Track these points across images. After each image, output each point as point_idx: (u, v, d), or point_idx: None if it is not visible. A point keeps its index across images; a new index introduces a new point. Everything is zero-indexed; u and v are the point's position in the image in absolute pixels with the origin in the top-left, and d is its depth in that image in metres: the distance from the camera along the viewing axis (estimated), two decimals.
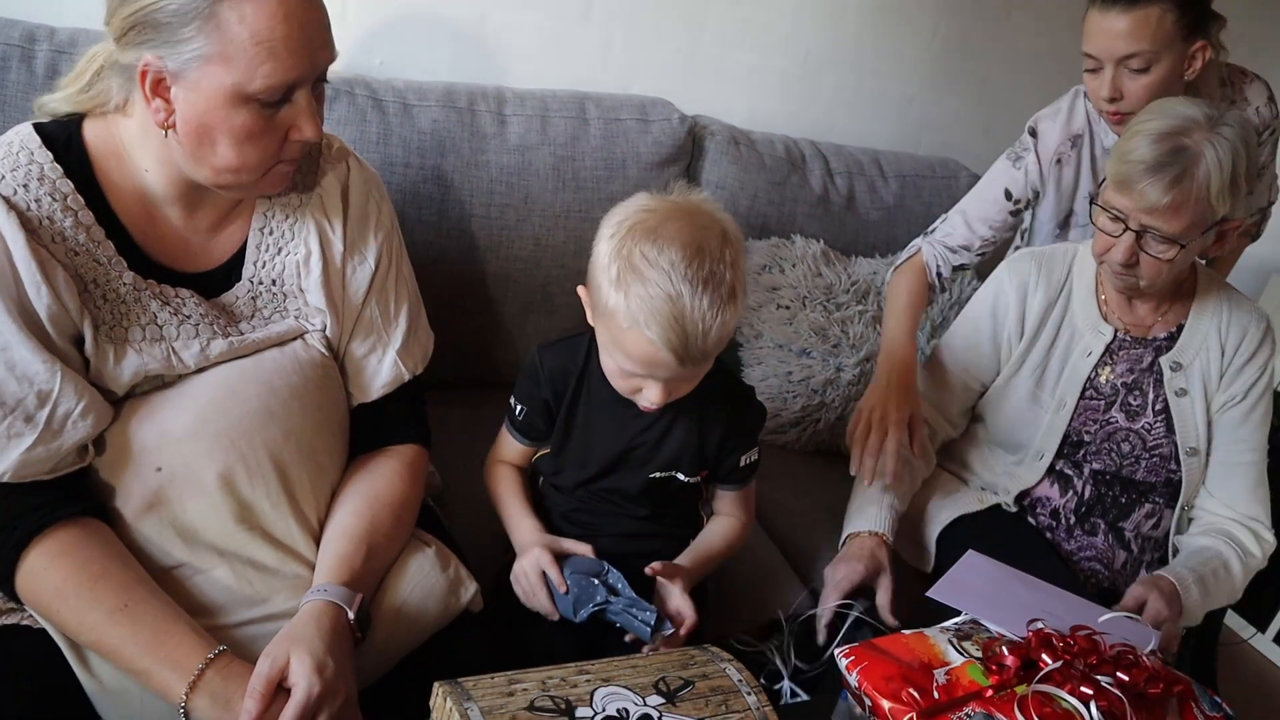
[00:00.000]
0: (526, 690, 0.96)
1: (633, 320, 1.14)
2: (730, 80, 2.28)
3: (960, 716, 1.06)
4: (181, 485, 1.10)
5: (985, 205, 1.96)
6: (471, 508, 1.53)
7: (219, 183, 1.13)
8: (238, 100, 1.06)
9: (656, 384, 1.21)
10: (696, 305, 1.12)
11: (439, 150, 1.81)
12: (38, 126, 1.12)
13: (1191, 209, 1.46)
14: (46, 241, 1.07)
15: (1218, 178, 1.44)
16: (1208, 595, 1.59)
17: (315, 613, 1.08)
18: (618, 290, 1.15)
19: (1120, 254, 1.52)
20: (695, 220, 1.18)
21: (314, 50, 1.09)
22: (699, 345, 1.14)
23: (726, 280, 1.15)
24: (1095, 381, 1.70)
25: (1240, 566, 1.64)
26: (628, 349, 1.18)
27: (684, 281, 1.12)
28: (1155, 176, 1.44)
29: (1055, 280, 1.73)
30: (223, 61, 1.04)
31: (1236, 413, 1.67)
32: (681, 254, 1.13)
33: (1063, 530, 1.75)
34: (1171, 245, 1.49)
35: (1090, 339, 1.70)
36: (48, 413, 1.05)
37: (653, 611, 1.25)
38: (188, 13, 1.02)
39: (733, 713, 0.99)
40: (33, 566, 1.04)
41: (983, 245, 1.96)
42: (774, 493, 1.87)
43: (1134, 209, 1.48)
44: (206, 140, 1.08)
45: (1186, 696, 1.17)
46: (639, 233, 1.16)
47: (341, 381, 1.28)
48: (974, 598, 1.31)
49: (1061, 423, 1.70)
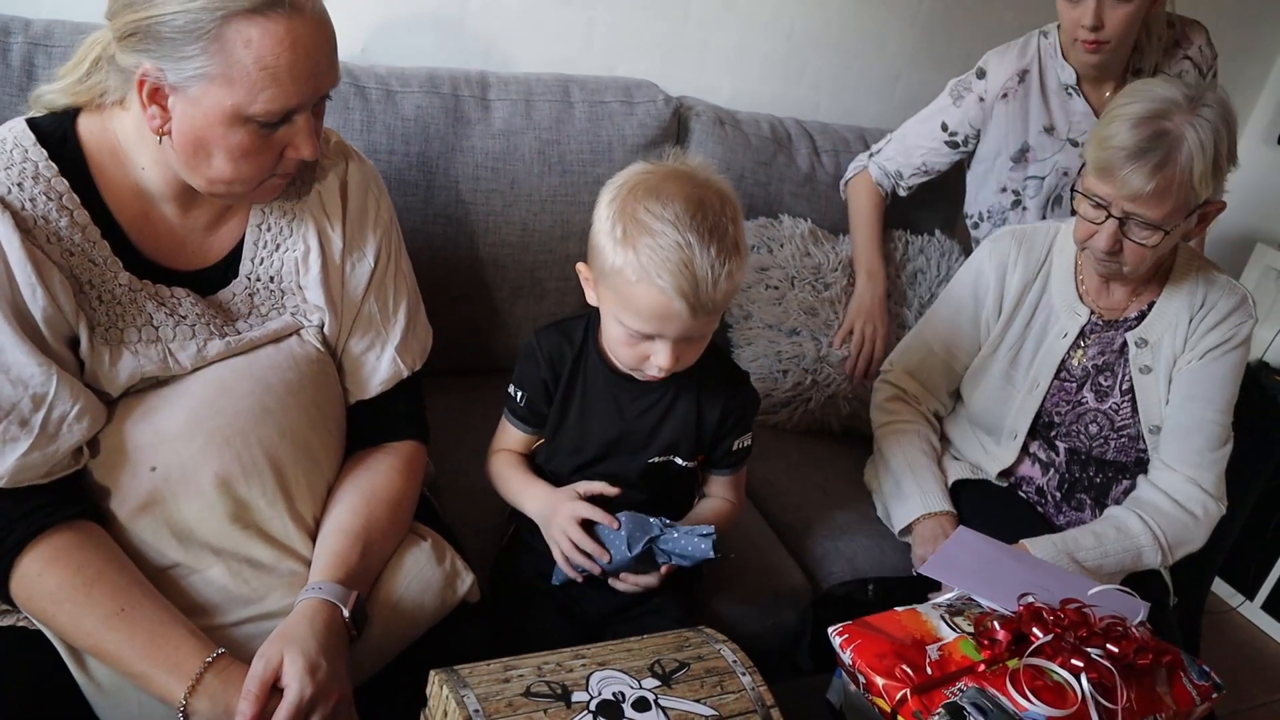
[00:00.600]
0: (522, 676, 0.96)
1: (642, 272, 1.15)
2: (715, 60, 2.27)
3: (953, 691, 1.07)
4: (176, 485, 1.10)
5: (922, 135, 2.10)
6: (466, 496, 1.53)
7: (212, 191, 1.12)
8: (236, 120, 1.05)
9: (666, 345, 1.21)
10: (705, 253, 1.14)
11: (423, 136, 1.79)
12: (31, 122, 1.11)
13: (1175, 194, 1.44)
14: (42, 242, 1.06)
15: (1200, 161, 1.42)
16: (1079, 554, 1.57)
17: (309, 611, 1.07)
18: (625, 247, 1.16)
19: (1104, 241, 1.50)
20: (693, 179, 1.20)
21: (318, 76, 1.08)
22: (709, 293, 1.15)
23: (730, 233, 1.17)
24: (1068, 364, 1.70)
25: (1142, 526, 1.59)
26: (639, 305, 1.18)
27: (691, 231, 1.14)
28: (1138, 163, 1.43)
29: (1035, 259, 1.72)
30: (225, 83, 1.02)
31: (1189, 372, 1.64)
32: (685, 207, 1.15)
33: (1051, 506, 1.76)
34: (1155, 231, 1.48)
35: (1066, 320, 1.70)
36: (43, 416, 1.04)
37: (710, 529, 1.25)
38: (192, 31, 1.00)
39: (728, 693, 1.00)
40: (28, 571, 1.04)
41: (915, 173, 2.11)
42: (767, 473, 1.88)
43: (1116, 196, 1.47)
44: (201, 152, 1.07)
45: (1175, 666, 1.19)
46: (640, 191, 1.18)
47: (338, 377, 1.27)
48: (965, 573, 1.32)
49: (1034, 403, 1.71)
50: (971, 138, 2.08)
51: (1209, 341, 1.63)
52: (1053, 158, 2.03)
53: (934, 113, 2.09)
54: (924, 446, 1.75)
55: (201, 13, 1.00)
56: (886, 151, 2.12)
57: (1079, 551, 1.58)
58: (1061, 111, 2.01)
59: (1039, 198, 2.07)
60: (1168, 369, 1.66)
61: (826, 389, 2.02)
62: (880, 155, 2.13)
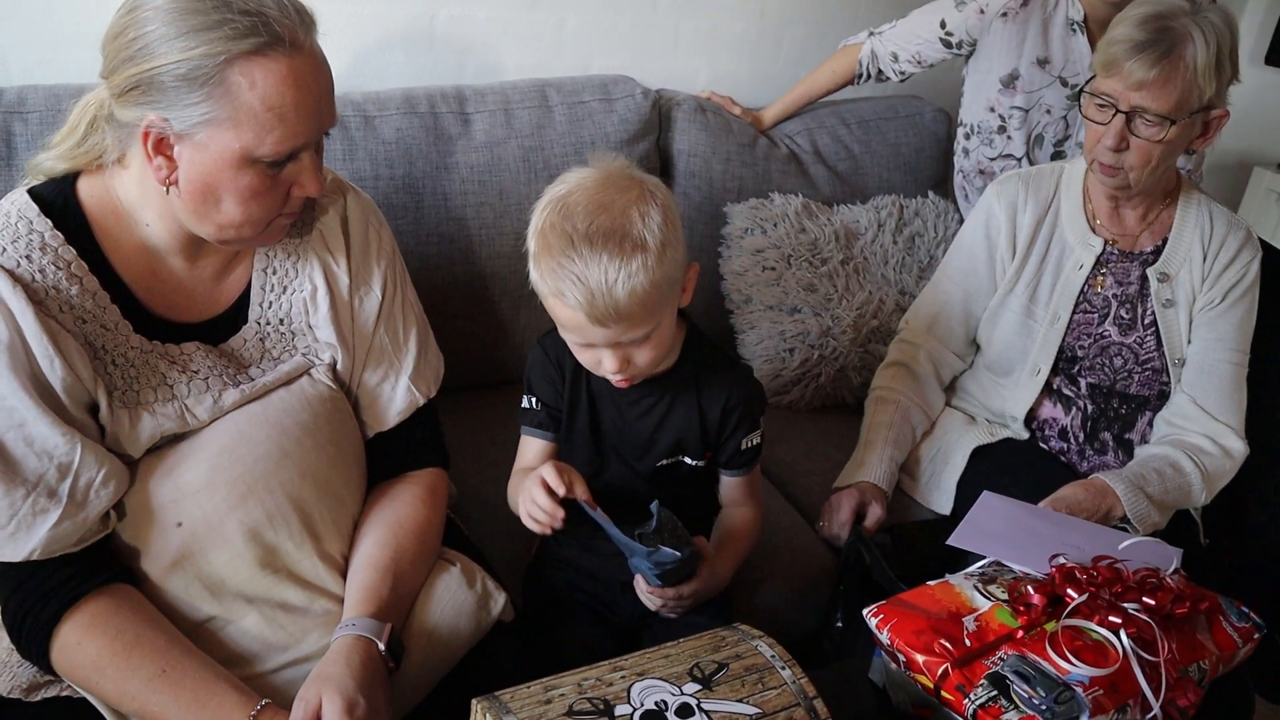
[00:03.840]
0: (564, 695, 0.96)
1: (548, 289, 1.17)
2: (688, 47, 2.26)
3: (994, 661, 1.07)
4: (204, 538, 1.11)
5: (922, 26, 2.12)
6: (488, 512, 1.53)
7: (221, 238, 1.12)
8: (244, 162, 1.05)
9: (606, 352, 1.21)
10: (596, 262, 1.12)
11: (406, 158, 1.79)
12: (32, 192, 1.11)
13: (1180, 84, 1.48)
14: (55, 312, 1.06)
15: (1204, 54, 1.47)
16: (1148, 489, 1.59)
17: (345, 649, 1.08)
18: (535, 266, 1.18)
19: (1111, 138, 1.54)
20: (606, 182, 1.18)
21: (321, 113, 1.09)
22: (606, 301, 1.13)
23: (631, 234, 1.14)
24: (1088, 294, 1.71)
25: (1193, 465, 1.63)
26: (559, 318, 1.20)
27: (583, 242, 1.13)
28: (1143, 54, 1.47)
29: (1043, 197, 1.75)
30: (232, 126, 1.03)
31: (1213, 314, 1.68)
32: (584, 215, 1.14)
33: (1075, 452, 1.76)
34: (1162, 125, 1.50)
35: (1081, 252, 1.71)
36: (70, 485, 1.05)
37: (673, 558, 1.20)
38: (196, 77, 1.00)
39: (770, 689, 1.00)
40: (67, 641, 1.05)
41: (910, 61, 2.13)
42: (785, 456, 1.88)
43: (1122, 89, 1.51)
44: (211, 199, 1.07)
45: (1214, 611, 1.18)
46: (551, 205, 1.17)
47: (352, 412, 1.27)
48: (994, 540, 1.32)
49: (1056, 336, 1.72)
50: (967, 43, 2.09)
51: (1227, 280, 1.68)
52: (1040, 91, 2.03)
53: (939, 7, 2.11)
54: (893, 418, 1.78)
55: (204, 59, 1.00)
56: (890, 34, 2.14)
57: (1148, 487, 1.60)
58: (1061, 47, 2.01)
59: (1023, 130, 2.08)
60: (1188, 303, 1.69)
61: (835, 362, 2.01)
62: (883, 35, 2.14)
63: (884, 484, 1.70)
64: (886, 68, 2.15)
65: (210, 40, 1.00)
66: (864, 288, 2.09)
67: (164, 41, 1.00)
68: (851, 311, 2.03)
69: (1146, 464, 1.64)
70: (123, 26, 1.03)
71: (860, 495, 1.66)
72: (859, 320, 2.02)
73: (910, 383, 1.81)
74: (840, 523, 1.64)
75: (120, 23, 1.04)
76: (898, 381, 1.81)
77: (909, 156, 2.26)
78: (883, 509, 1.65)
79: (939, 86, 2.40)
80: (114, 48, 1.04)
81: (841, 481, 1.73)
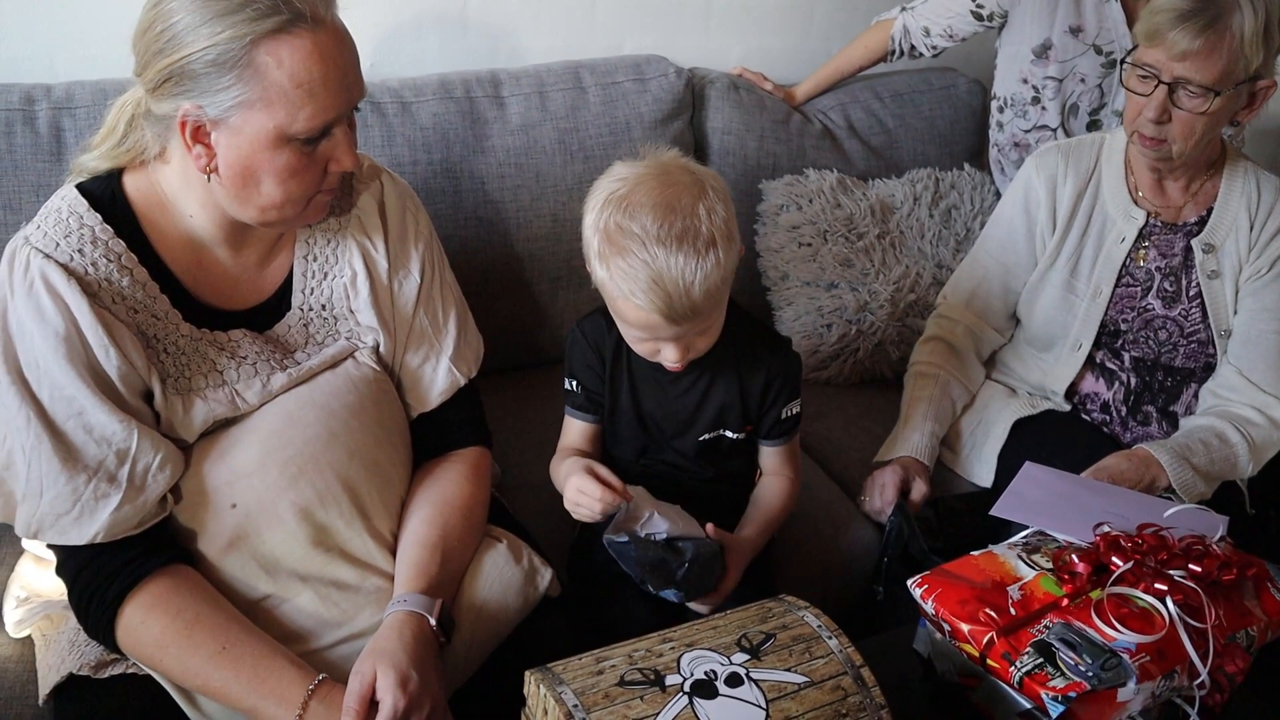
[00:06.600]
0: (615, 666, 0.98)
1: (619, 290, 1.18)
2: (720, 24, 2.24)
3: (1039, 629, 1.07)
4: (257, 518, 1.14)
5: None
6: (532, 491, 1.55)
7: (264, 220, 1.14)
8: (280, 141, 1.07)
9: (669, 344, 1.23)
10: (673, 264, 1.14)
11: (444, 143, 1.81)
12: (80, 188, 1.14)
13: (1225, 55, 1.44)
14: (108, 303, 1.10)
15: (1251, 23, 1.43)
16: (1194, 459, 1.58)
17: (397, 624, 1.11)
18: (602, 265, 1.19)
19: (1153, 110, 1.50)
20: (666, 179, 1.19)
21: (349, 86, 1.11)
22: (684, 303, 1.16)
23: (703, 233, 1.16)
24: (1130, 268, 1.69)
25: (1239, 436, 1.61)
26: (626, 318, 1.22)
27: (657, 244, 1.15)
28: (1186, 23, 1.44)
29: (1083, 169, 1.72)
30: (264, 106, 1.05)
31: (1259, 283, 1.65)
32: (652, 216, 1.15)
33: (1117, 424, 1.75)
34: (1205, 96, 1.47)
35: (1123, 225, 1.69)
36: (129, 470, 1.08)
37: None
38: (225, 61, 1.03)
39: (817, 658, 1.01)
40: (130, 621, 1.09)
41: (941, 35, 2.11)
42: (825, 430, 1.88)
43: (1166, 60, 1.47)
44: (251, 181, 1.10)
45: (1261, 577, 1.18)
46: (612, 204, 1.18)
47: (396, 393, 1.30)
48: (1037, 510, 1.32)
49: (1098, 310, 1.70)
50: (999, 15, 2.07)
51: (1276, 248, 1.65)
52: (1074, 60, 2.01)
53: None
54: (933, 393, 1.77)
55: (230, 42, 1.02)
56: (921, 8, 2.12)
57: (1193, 458, 1.58)
58: (1094, 15, 1.99)
59: (1056, 100, 2.06)
60: (1234, 274, 1.66)
61: (873, 337, 2.01)
62: (914, 10, 2.12)
63: (926, 458, 1.70)
64: (919, 42, 2.13)
65: (235, 23, 1.02)
66: (900, 262, 2.08)
67: (191, 30, 1.02)
68: (889, 286, 2.03)
69: (1192, 435, 1.63)
70: (150, 21, 1.05)
71: (904, 471, 1.66)
72: (896, 295, 2.02)
73: (949, 357, 1.80)
74: (887, 500, 1.64)
75: (147, 18, 1.06)
76: (937, 356, 1.80)
77: (944, 129, 2.24)
78: (926, 484, 1.65)
79: (973, 60, 2.37)
80: (144, 43, 1.06)
81: (882, 456, 1.73)
